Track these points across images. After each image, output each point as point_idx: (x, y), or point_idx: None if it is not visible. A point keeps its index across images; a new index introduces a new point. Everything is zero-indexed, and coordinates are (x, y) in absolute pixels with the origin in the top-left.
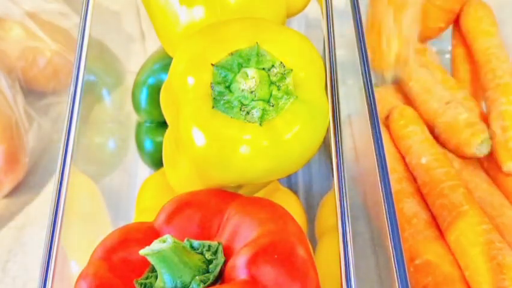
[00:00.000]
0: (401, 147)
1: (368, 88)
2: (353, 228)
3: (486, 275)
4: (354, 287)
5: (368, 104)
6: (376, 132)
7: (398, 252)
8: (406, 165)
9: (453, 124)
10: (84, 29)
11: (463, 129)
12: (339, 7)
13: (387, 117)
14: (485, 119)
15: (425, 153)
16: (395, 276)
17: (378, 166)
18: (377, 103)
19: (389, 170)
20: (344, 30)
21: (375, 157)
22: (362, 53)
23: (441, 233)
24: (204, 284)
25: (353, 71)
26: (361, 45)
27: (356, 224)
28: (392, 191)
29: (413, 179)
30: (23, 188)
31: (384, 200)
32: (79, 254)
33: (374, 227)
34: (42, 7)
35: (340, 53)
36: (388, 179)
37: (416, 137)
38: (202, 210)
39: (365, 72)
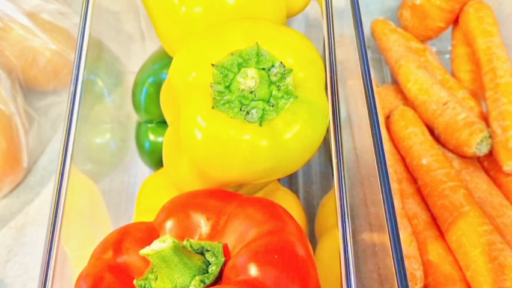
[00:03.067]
0: (401, 149)
1: (368, 88)
2: (353, 228)
3: (487, 276)
4: (354, 287)
5: (367, 104)
6: (376, 132)
7: (398, 252)
8: (406, 166)
9: (452, 124)
10: (84, 29)
11: (462, 129)
12: (339, 7)
13: (387, 118)
14: (486, 118)
15: (425, 154)
16: (395, 276)
17: (378, 166)
18: (377, 103)
19: (388, 170)
20: (344, 29)
21: (374, 157)
22: (362, 53)
23: (441, 233)
24: (204, 284)
25: (353, 70)
26: (361, 44)
27: (356, 224)
28: (392, 191)
29: (413, 180)
30: (23, 188)
31: (384, 200)
32: (79, 253)
33: (374, 227)
34: (42, 7)
35: (340, 53)
36: (388, 179)
37: (416, 138)
38: (202, 210)
39: (365, 72)
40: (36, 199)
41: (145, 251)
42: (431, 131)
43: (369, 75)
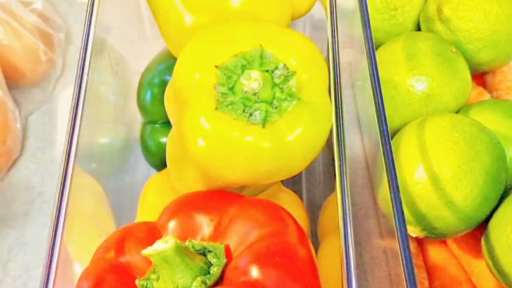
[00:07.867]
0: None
1: (377, 90)
2: (362, 232)
3: (491, 279)
4: None
5: (376, 105)
6: (384, 135)
7: (408, 257)
8: None
9: None
10: (89, 29)
11: None
12: (347, 7)
13: None
14: None
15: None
16: (404, 280)
17: (387, 171)
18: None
19: (397, 176)
20: (353, 30)
21: (383, 160)
22: (370, 53)
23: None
24: (205, 285)
25: (362, 71)
26: (369, 45)
27: (366, 228)
28: (401, 196)
29: None
30: (23, 187)
31: (393, 205)
32: (81, 253)
33: (384, 233)
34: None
35: (349, 54)
36: (397, 184)
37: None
38: (205, 211)
39: (373, 74)
40: (37, 199)
41: (147, 251)
42: None
43: (378, 76)
